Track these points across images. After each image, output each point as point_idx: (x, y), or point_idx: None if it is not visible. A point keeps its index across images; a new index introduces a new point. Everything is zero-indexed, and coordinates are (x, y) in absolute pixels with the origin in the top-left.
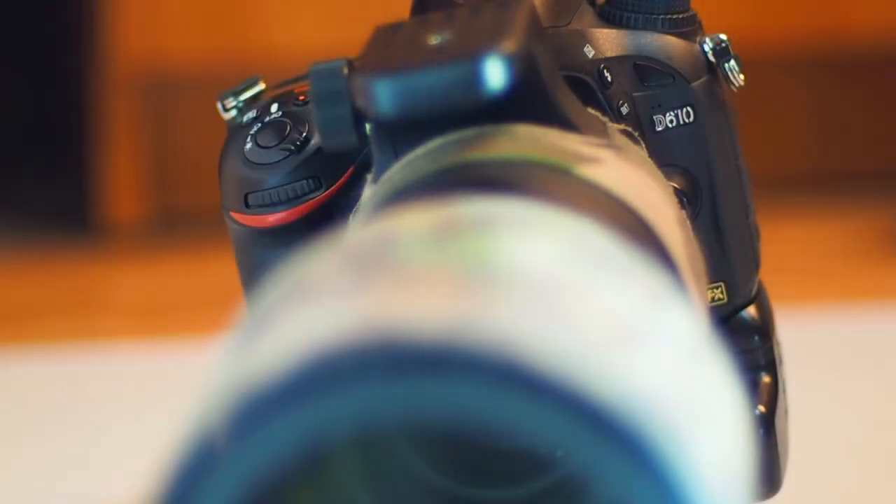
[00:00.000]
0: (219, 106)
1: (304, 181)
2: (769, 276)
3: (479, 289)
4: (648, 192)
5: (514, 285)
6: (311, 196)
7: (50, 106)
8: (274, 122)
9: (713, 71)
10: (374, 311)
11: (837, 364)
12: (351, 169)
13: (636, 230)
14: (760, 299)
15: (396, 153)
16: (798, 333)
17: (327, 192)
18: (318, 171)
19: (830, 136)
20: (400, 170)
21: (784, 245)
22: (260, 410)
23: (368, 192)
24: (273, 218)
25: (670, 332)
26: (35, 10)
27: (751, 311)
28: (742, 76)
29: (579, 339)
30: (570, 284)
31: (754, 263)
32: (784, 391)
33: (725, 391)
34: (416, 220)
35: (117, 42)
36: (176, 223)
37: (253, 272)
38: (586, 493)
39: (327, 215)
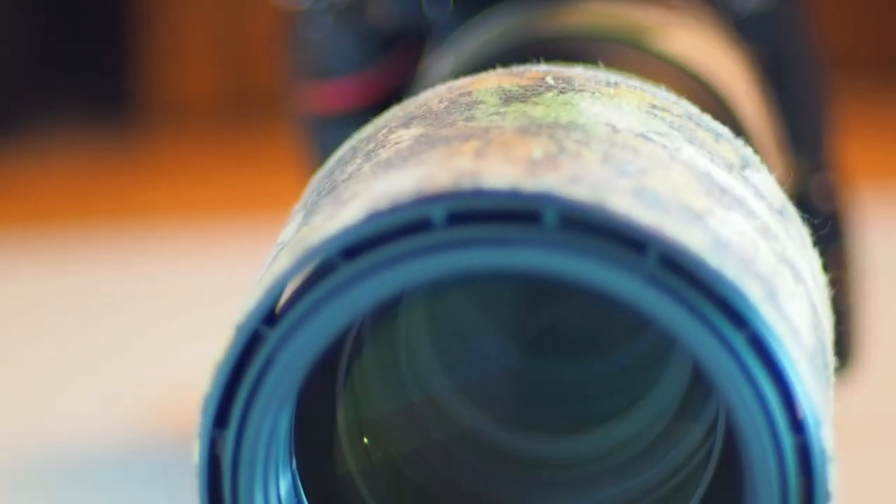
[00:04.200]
0: None
1: (371, 58)
2: (842, 149)
3: (557, 145)
4: (722, 64)
5: (596, 141)
6: (377, 73)
7: None
8: None
9: None
10: (449, 165)
11: None
12: (417, 44)
13: (710, 102)
14: (830, 170)
15: (465, 25)
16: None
17: (392, 68)
18: (384, 47)
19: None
20: (468, 44)
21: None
22: (332, 262)
23: (436, 65)
24: (338, 96)
25: (755, 194)
26: None
27: (821, 181)
28: None
29: (666, 194)
30: (655, 142)
31: (826, 135)
32: (854, 262)
33: (809, 254)
34: (490, 82)
35: None
36: (245, 104)
37: (318, 154)
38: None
39: (394, 94)
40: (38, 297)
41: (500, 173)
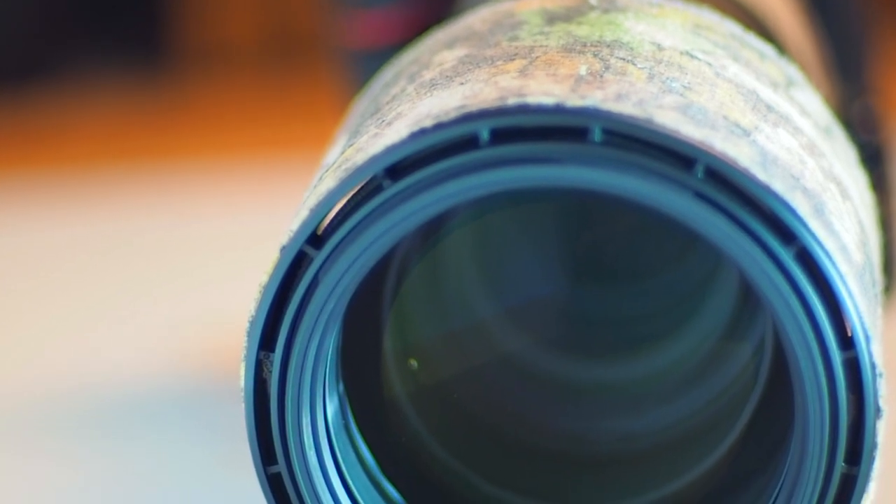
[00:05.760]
0: None
1: None
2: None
3: (602, 63)
4: None
5: (641, 59)
6: (418, 2)
7: None
8: None
9: None
10: (494, 83)
11: None
12: None
13: (752, 25)
14: (872, 96)
15: None
16: None
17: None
18: None
19: None
20: None
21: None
22: (378, 182)
23: None
24: (380, 28)
25: (800, 112)
26: None
27: (863, 107)
28: None
29: (713, 111)
30: (700, 60)
31: (868, 61)
32: (894, 188)
33: (855, 172)
34: (533, 3)
35: None
36: (284, 47)
37: (359, 90)
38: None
39: (435, 26)
40: (76, 241)
41: (545, 90)
